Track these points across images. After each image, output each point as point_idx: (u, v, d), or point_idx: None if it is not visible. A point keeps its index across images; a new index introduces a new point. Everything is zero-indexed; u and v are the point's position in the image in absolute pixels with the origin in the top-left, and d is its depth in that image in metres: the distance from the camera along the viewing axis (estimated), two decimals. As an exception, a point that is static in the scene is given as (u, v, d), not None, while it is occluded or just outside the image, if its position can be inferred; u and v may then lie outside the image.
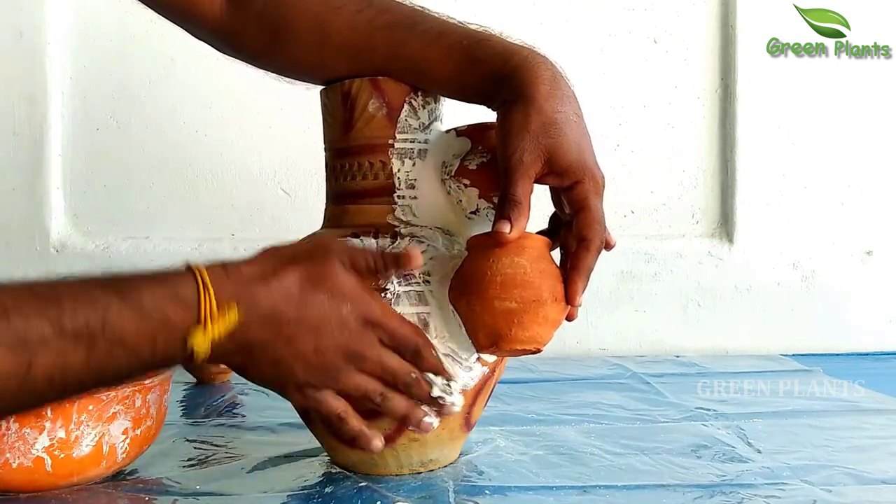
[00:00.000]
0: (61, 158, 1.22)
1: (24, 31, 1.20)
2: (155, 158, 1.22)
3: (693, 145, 1.26)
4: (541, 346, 0.59)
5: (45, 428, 0.59)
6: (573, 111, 0.59)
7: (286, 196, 1.23)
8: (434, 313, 0.61)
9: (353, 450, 0.64)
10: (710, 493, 0.61)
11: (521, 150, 0.57)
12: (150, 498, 0.62)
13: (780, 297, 1.24)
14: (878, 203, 1.25)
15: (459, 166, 0.64)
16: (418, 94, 0.65)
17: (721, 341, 1.23)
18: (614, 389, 0.96)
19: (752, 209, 1.24)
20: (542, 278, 0.57)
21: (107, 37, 1.22)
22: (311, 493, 0.62)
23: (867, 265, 1.25)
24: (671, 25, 1.25)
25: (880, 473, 0.66)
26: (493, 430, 0.77)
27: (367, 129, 0.65)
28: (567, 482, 0.64)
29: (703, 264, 1.25)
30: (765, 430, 0.78)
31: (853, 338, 1.23)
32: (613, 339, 1.24)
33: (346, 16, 0.65)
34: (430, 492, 0.61)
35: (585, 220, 0.58)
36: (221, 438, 0.76)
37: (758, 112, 1.24)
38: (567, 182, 0.58)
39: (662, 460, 0.69)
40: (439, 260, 0.62)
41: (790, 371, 1.08)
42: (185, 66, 1.21)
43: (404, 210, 0.64)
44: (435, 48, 0.62)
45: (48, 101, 1.21)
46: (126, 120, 1.23)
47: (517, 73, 0.59)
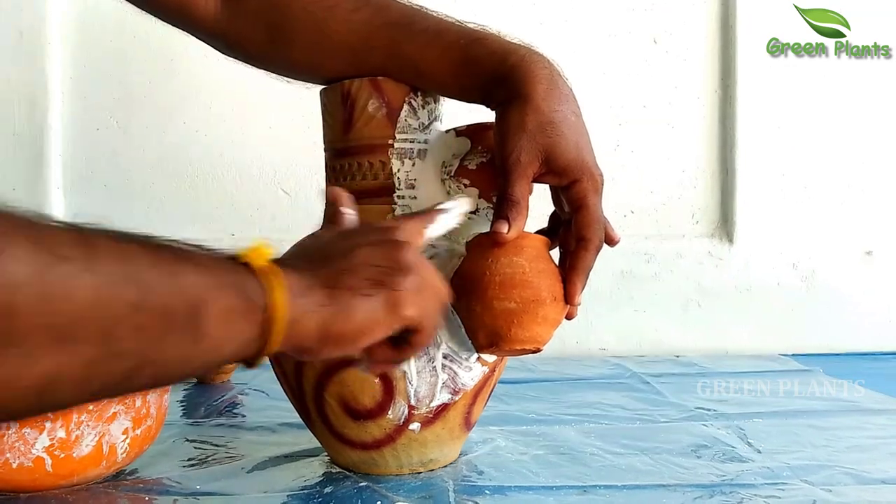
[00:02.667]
0: (61, 158, 1.22)
1: (24, 31, 1.20)
2: (155, 158, 1.22)
3: (693, 145, 1.26)
4: (540, 345, 0.59)
5: (45, 428, 0.59)
6: (571, 110, 0.59)
7: (286, 196, 1.23)
8: (434, 313, 0.61)
9: (354, 450, 0.65)
10: (710, 493, 0.61)
11: (519, 150, 0.57)
12: (150, 498, 0.62)
13: (780, 297, 1.24)
14: (878, 203, 1.25)
15: (459, 166, 0.64)
16: (418, 94, 0.65)
17: (721, 341, 1.23)
18: (614, 389, 0.96)
19: (752, 209, 1.24)
20: (541, 278, 0.57)
21: (107, 37, 1.22)
22: (311, 493, 0.62)
23: (867, 265, 1.25)
24: (671, 25, 1.25)
25: (880, 473, 0.66)
26: (493, 430, 0.77)
27: (367, 129, 0.65)
28: (567, 482, 0.64)
29: (703, 264, 1.25)
30: (765, 430, 0.78)
31: (853, 338, 1.23)
32: (613, 339, 1.24)
33: (343, 15, 0.64)
34: (430, 492, 0.61)
35: (584, 219, 0.58)
36: (221, 438, 0.76)
37: (758, 112, 1.24)
38: (565, 181, 0.58)
39: (662, 460, 0.69)
40: (439, 260, 0.62)
41: (790, 371, 1.08)
42: (186, 66, 1.21)
43: (404, 210, 0.64)
44: (433, 48, 0.62)
45: (48, 101, 1.21)
46: (126, 120, 1.23)
47: (514, 72, 0.59)
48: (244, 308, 0.40)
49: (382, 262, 0.47)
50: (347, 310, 0.44)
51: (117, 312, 0.35)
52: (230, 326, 0.40)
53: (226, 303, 0.39)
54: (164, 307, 0.37)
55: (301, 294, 0.43)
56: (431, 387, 0.62)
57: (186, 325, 0.38)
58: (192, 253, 0.40)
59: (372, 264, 0.46)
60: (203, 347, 0.39)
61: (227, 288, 0.40)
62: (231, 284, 0.40)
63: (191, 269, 0.39)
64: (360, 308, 0.45)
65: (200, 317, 0.38)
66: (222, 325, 0.39)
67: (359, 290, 0.45)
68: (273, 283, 0.42)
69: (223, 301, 0.39)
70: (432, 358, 0.61)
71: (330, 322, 0.44)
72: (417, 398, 0.61)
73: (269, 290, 0.41)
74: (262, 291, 0.41)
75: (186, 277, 0.38)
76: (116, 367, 0.36)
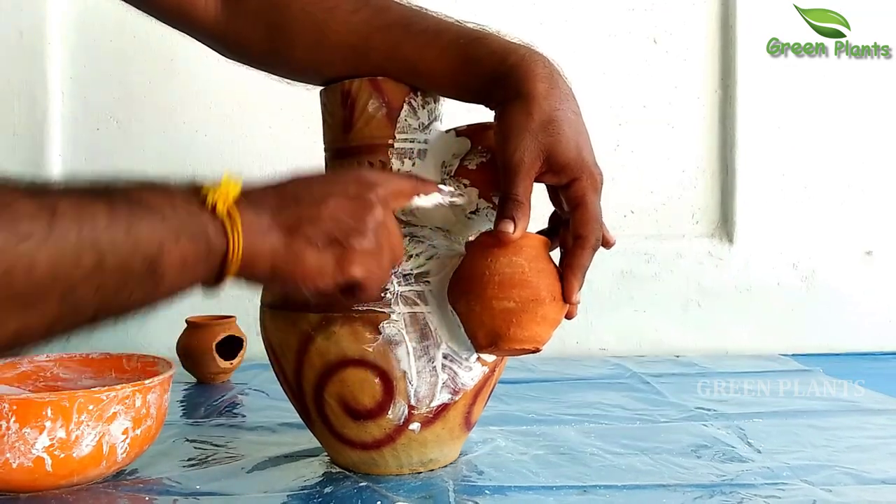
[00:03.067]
0: (61, 158, 1.22)
1: (24, 31, 1.20)
2: (155, 158, 1.22)
3: (693, 145, 1.26)
4: (540, 345, 0.59)
5: (45, 428, 0.59)
6: (571, 109, 0.59)
7: (286, 196, 1.22)
8: (433, 313, 0.61)
9: (354, 450, 0.65)
10: (710, 493, 0.61)
11: (522, 150, 0.57)
12: (150, 498, 0.62)
13: (780, 297, 1.24)
14: (878, 203, 1.25)
15: (459, 166, 0.64)
16: (418, 94, 0.65)
17: (721, 341, 1.23)
18: (614, 389, 0.96)
19: (752, 209, 1.24)
20: (541, 277, 0.57)
21: (107, 37, 1.22)
22: (311, 493, 0.62)
23: (867, 265, 1.25)
24: (671, 25, 1.25)
25: (880, 473, 0.66)
26: (493, 430, 0.77)
27: (367, 130, 0.65)
28: (567, 482, 0.64)
29: (703, 264, 1.25)
30: (765, 430, 0.78)
31: (853, 338, 1.23)
32: (613, 339, 1.24)
33: (342, 16, 0.64)
34: (430, 492, 0.61)
35: (582, 218, 0.58)
36: (221, 438, 0.76)
37: (758, 112, 1.24)
38: (565, 179, 0.58)
39: (662, 460, 0.69)
40: (439, 260, 0.62)
41: (790, 371, 1.08)
42: (186, 66, 1.21)
43: (404, 210, 0.64)
44: (432, 48, 0.62)
45: (48, 101, 1.21)
46: (126, 120, 1.23)
47: (514, 72, 0.59)
48: (201, 253, 0.44)
49: (345, 218, 0.50)
50: (298, 256, 0.48)
51: (77, 276, 0.38)
52: (186, 271, 0.43)
53: (182, 252, 0.43)
54: (122, 264, 0.40)
55: (257, 235, 0.46)
56: (431, 387, 0.62)
57: (144, 277, 0.41)
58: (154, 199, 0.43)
59: (334, 218, 0.49)
60: (160, 291, 0.43)
61: (184, 236, 0.43)
62: (189, 232, 0.43)
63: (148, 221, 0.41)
64: (311, 257, 0.48)
65: (158, 265, 0.42)
66: (178, 272, 0.43)
67: (313, 241, 0.48)
68: (232, 227, 0.45)
69: (179, 250, 0.42)
70: (432, 358, 0.61)
71: (280, 264, 0.48)
72: (417, 398, 0.61)
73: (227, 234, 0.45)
74: (221, 235, 0.44)
75: (143, 231, 0.41)
76: (78, 317, 0.40)
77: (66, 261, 0.38)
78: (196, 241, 0.43)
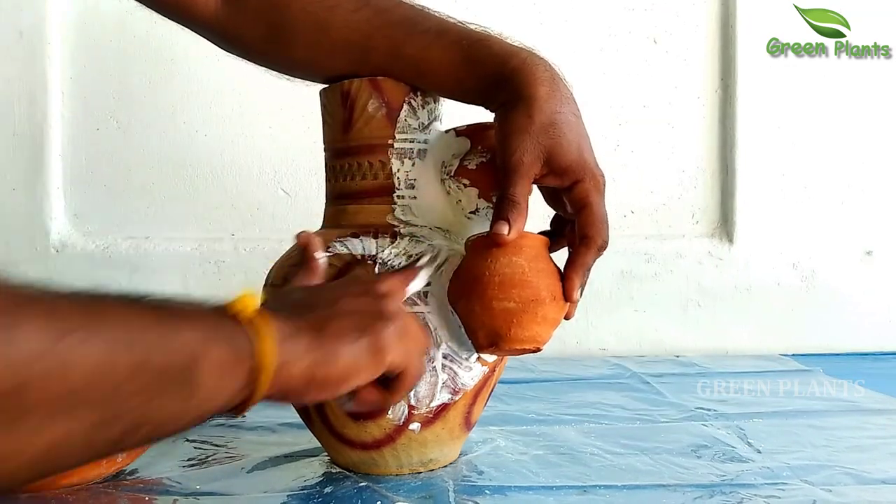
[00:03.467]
0: (61, 158, 1.22)
1: (24, 31, 1.20)
2: (155, 158, 1.22)
3: (693, 145, 1.26)
4: (540, 345, 0.59)
5: (44, 428, 0.59)
6: (572, 111, 0.59)
7: (286, 196, 1.23)
8: (434, 313, 0.61)
9: (353, 450, 0.65)
10: (710, 493, 0.61)
11: (522, 151, 0.57)
12: (150, 498, 0.62)
13: (780, 297, 1.24)
14: (878, 203, 1.25)
15: (459, 166, 0.64)
16: (418, 95, 0.65)
17: (721, 341, 1.23)
18: (614, 389, 0.96)
19: (752, 209, 1.24)
20: (541, 277, 0.57)
21: (107, 37, 1.22)
22: (311, 493, 0.62)
23: (867, 265, 1.25)
24: (671, 25, 1.25)
25: (880, 473, 0.65)
26: (493, 430, 0.77)
27: (367, 129, 0.65)
28: (567, 482, 0.64)
29: (703, 264, 1.25)
30: (765, 430, 0.78)
31: (853, 338, 1.23)
32: (613, 339, 1.24)
33: (343, 15, 0.65)
34: (430, 492, 0.61)
35: (588, 219, 0.59)
36: (221, 438, 0.76)
37: (758, 112, 1.24)
38: (567, 182, 0.59)
39: (662, 460, 0.69)
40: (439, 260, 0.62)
41: (790, 371, 1.08)
42: (186, 66, 1.21)
43: (404, 210, 0.64)
44: (434, 48, 0.62)
45: (48, 101, 1.21)
46: (126, 120, 1.23)
47: (516, 75, 0.59)
48: (234, 359, 0.41)
49: (366, 311, 0.49)
50: (333, 354, 0.46)
51: (120, 375, 0.36)
52: (222, 378, 0.41)
53: (217, 355, 0.40)
54: (163, 366, 0.38)
55: (288, 339, 0.44)
56: (431, 387, 0.62)
57: (182, 381, 0.39)
58: (184, 308, 0.42)
59: (354, 311, 0.49)
60: (196, 401, 0.40)
61: (217, 341, 0.41)
62: (221, 337, 0.41)
63: (185, 324, 0.40)
64: (346, 352, 0.47)
65: (195, 371, 0.39)
66: (215, 378, 0.40)
67: (344, 336, 0.47)
68: (260, 331, 0.43)
69: (215, 354, 0.40)
70: (432, 358, 0.61)
71: (315, 366, 0.45)
72: (417, 398, 0.61)
73: (256, 338, 0.42)
74: (250, 341, 0.42)
75: (182, 334, 0.39)
76: (116, 428, 0.37)
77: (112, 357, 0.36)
78: (230, 345, 0.41)
